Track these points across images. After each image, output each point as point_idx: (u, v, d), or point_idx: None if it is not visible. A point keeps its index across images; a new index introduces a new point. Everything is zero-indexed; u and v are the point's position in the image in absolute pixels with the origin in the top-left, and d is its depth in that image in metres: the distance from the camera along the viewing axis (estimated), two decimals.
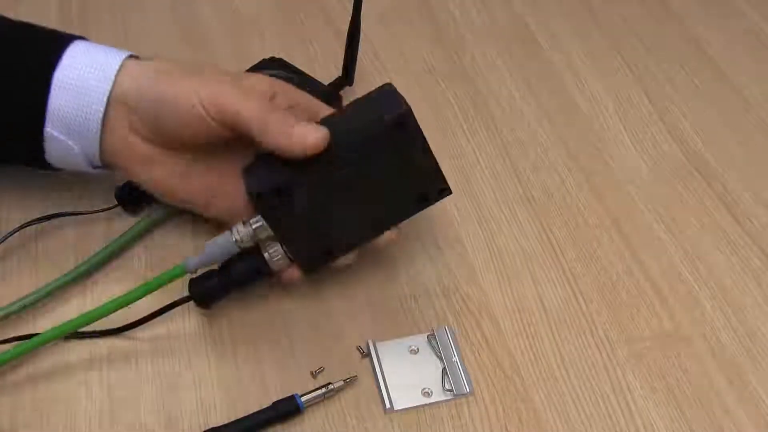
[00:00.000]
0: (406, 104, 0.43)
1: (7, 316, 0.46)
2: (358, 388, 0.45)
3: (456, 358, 0.46)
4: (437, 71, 0.62)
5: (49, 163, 0.47)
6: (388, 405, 0.44)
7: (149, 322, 0.46)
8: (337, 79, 0.58)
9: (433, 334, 0.47)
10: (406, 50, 0.64)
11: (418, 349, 0.47)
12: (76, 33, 0.63)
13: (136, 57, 0.46)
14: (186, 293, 0.46)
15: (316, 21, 0.64)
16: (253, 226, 0.44)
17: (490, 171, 0.56)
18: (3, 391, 0.45)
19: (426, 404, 0.45)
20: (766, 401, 0.46)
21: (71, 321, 0.44)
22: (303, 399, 0.43)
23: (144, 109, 0.44)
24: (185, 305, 0.46)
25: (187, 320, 0.48)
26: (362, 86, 0.59)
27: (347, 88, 0.59)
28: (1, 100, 0.45)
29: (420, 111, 0.59)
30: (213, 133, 0.43)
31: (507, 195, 0.55)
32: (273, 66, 0.57)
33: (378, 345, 0.47)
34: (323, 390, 0.44)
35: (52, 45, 0.45)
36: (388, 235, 0.46)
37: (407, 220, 0.46)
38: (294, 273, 0.46)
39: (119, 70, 0.44)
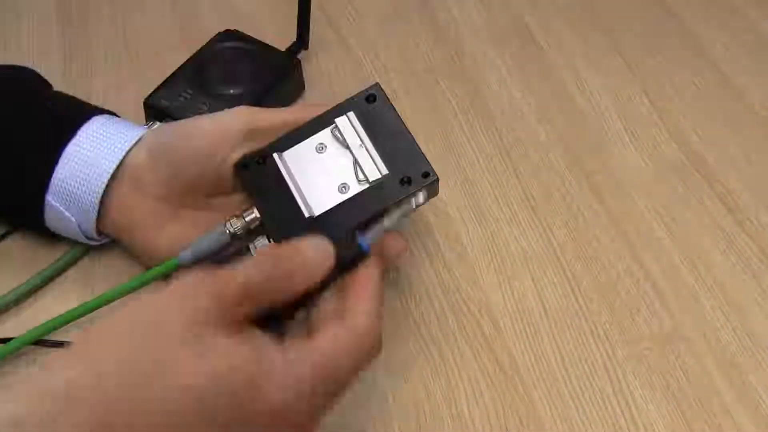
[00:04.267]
0: (378, 85, 0.45)
1: None
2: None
3: (364, 144, 0.44)
4: (437, 71, 0.62)
5: (48, 229, 0.48)
6: (307, 213, 0.43)
7: None
8: (292, 44, 0.60)
9: (336, 126, 0.45)
10: (406, 50, 0.64)
11: (325, 145, 0.45)
12: (76, 33, 0.63)
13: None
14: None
15: (317, 22, 0.64)
16: (247, 218, 0.45)
17: (490, 171, 0.56)
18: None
19: (345, 200, 0.44)
20: (766, 401, 0.46)
21: (62, 316, 0.45)
22: None
23: (162, 154, 0.45)
24: None
25: None
26: (319, 50, 0.62)
27: (303, 51, 0.60)
28: (14, 163, 0.46)
29: (420, 111, 0.59)
30: (230, 155, 0.45)
31: (507, 195, 0.55)
32: (229, 39, 0.58)
33: (284, 154, 0.45)
34: None
35: (72, 118, 0.47)
36: (394, 245, 0.44)
37: (406, 223, 0.46)
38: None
39: (135, 144, 0.46)
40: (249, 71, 0.56)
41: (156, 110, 0.54)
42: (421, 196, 0.43)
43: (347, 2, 0.67)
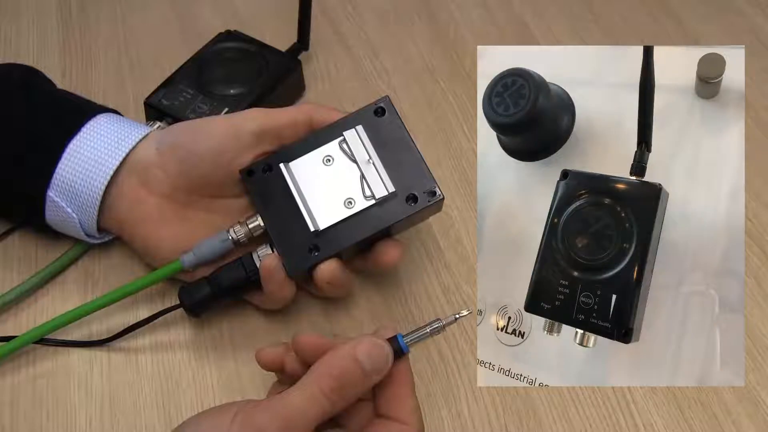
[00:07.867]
0: (388, 98, 0.46)
1: None
2: None
3: (372, 159, 0.44)
4: (437, 71, 0.62)
5: (48, 226, 0.48)
6: (312, 227, 0.44)
7: (150, 324, 0.46)
8: (293, 45, 0.60)
9: (345, 139, 0.45)
10: (406, 50, 0.64)
11: (332, 158, 0.45)
12: (75, 32, 0.63)
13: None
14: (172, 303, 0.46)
15: (317, 23, 0.64)
16: (250, 226, 0.45)
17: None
18: (3, 391, 0.45)
19: (351, 215, 0.44)
20: (766, 401, 0.46)
21: (62, 315, 0.45)
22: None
23: (173, 150, 0.45)
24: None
25: (188, 321, 0.48)
26: (319, 51, 0.62)
27: (304, 53, 0.61)
28: (16, 158, 0.46)
29: (420, 111, 0.59)
30: (240, 156, 0.45)
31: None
32: (229, 39, 0.58)
33: (291, 164, 0.45)
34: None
35: (77, 114, 0.47)
36: (390, 252, 0.45)
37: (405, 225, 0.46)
38: (272, 260, 0.44)
39: (141, 140, 0.46)
40: (249, 72, 0.56)
41: (156, 110, 0.54)
42: None
43: (347, 2, 0.67)
